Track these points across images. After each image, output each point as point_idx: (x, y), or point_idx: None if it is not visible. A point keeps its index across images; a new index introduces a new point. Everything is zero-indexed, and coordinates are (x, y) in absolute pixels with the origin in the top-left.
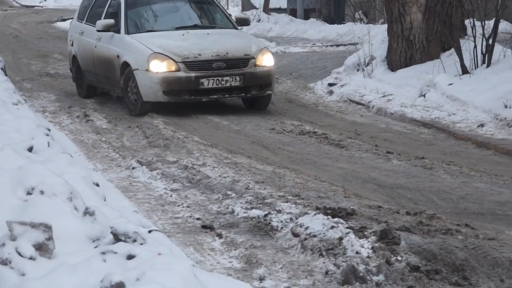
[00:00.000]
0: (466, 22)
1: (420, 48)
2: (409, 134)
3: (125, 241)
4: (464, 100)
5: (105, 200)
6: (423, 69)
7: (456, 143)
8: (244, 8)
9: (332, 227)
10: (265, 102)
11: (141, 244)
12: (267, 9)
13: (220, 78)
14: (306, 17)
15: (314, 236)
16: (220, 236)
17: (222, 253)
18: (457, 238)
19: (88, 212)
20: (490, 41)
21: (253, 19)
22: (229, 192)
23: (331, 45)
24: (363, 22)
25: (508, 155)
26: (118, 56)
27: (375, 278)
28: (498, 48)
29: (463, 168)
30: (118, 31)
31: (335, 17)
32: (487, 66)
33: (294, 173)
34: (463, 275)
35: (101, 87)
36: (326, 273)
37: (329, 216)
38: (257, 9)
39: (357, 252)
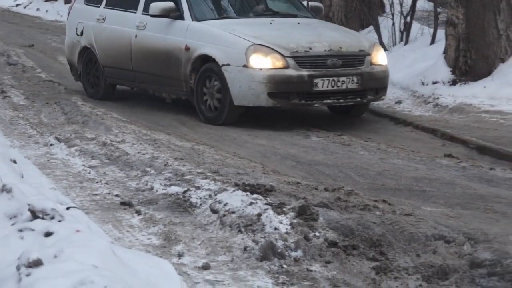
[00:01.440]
0: None
1: (340, 22)
2: (322, 110)
3: (42, 218)
4: None
5: (22, 177)
6: None
7: (374, 119)
8: None
9: (251, 203)
10: (364, 109)
11: (59, 221)
12: None
13: (336, 79)
14: None
15: (233, 212)
16: (139, 213)
17: (141, 230)
18: (374, 214)
19: (5, 189)
20: (408, 18)
21: None
22: (148, 169)
23: None
24: None
25: (424, 131)
26: (188, 49)
27: (293, 253)
28: (416, 26)
29: (380, 144)
30: (179, 17)
31: None
32: (405, 44)
33: (213, 149)
34: (380, 251)
35: (138, 87)
36: (245, 249)
37: (248, 193)
38: None
39: (275, 228)
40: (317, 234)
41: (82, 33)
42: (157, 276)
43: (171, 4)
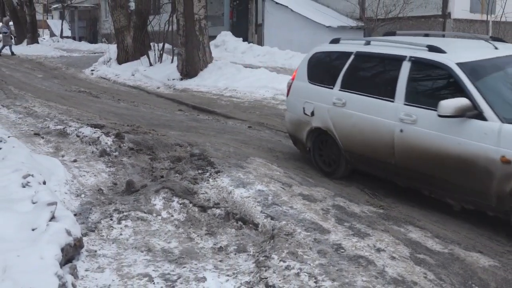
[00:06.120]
0: (152, 43)
1: (131, 54)
2: (129, 92)
3: None
4: (151, 77)
5: None
6: (134, 64)
7: (148, 95)
8: (51, 35)
9: (94, 132)
10: None
11: (4, 142)
12: (62, 36)
13: None
14: (80, 40)
15: (86, 136)
16: (43, 138)
17: (44, 145)
18: (149, 135)
19: None
20: (161, 52)
21: (55, 41)
22: (47, 118)
23: (92, 53)
24: (106, 42)
25: (169, 99)
26: (507, 162)
27: (114, 153)
28: (165, 56)
29: (151, 106)
30: (477, 117)
31: (93, 40)
32: (160, 62)
33: (77, 109)
34: (152, 151)
35: (401, 182)
36: (92, 152)
37: (93, 127)
38: (57, 36)
39: (106, 143)
40: (124, 145)
41: (312, 114)
42: (52, 165)
43: (467, 101)
